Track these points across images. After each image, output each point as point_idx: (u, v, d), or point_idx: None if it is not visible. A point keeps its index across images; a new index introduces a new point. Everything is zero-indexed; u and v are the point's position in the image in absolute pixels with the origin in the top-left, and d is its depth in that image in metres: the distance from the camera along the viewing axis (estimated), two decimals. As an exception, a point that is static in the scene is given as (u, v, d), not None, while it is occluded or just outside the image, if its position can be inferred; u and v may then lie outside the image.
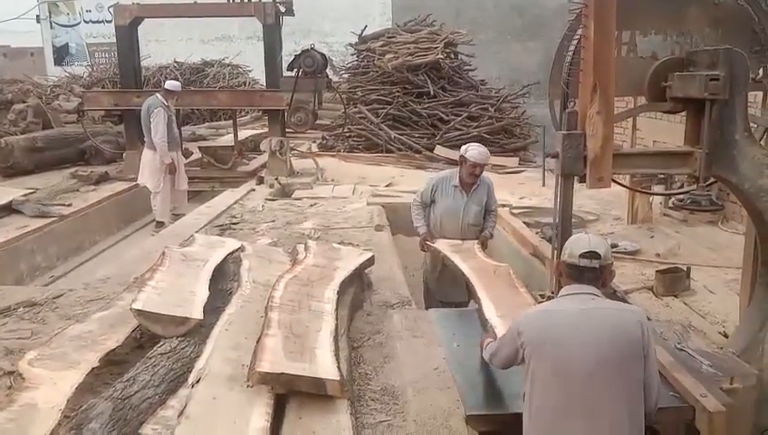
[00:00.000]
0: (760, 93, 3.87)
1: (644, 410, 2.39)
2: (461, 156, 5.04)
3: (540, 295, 3.96)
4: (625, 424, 2.32)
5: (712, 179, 3.59)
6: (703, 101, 3.13)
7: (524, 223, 6.84)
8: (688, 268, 5.04)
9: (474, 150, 4.95)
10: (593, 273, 2.51)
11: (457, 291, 4.94)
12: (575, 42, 3.54)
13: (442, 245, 4.91)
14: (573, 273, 2.53)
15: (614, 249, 5.83)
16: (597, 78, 3.06)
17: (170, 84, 8.53)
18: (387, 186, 9.09)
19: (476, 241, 4.97)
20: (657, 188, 6.71)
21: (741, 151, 3.21)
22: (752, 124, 3.38)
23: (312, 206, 7.60)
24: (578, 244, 2.55)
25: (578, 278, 2.51)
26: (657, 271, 5.03)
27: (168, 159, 8.13)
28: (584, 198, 7.35)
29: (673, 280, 4.87)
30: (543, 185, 9.04)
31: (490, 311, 3.59)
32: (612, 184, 3.36)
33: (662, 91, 3.35)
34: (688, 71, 3.28)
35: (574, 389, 2.34)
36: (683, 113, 3.42)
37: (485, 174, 5.20)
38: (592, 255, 2.50)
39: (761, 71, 3.74)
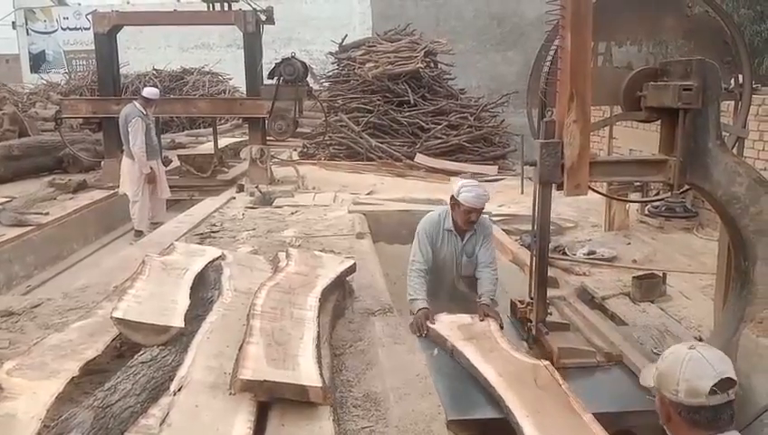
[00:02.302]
0: (732, 103, 3.96)
1: None
2: (452, 197, 4.10)
3: (519, 302, 4.01)
4: None
5: (686, 187, 3.67)
6: (676, 110, 3.20)
7: (504, 230, 6.91)
8: (664, 274, 5.13)
9: (468, 193, 3.97)
10: (731, 409, 1.71)
11: None
12: (552, 52, 3.60)
13: (446, 327, 3.80)
14: (701, 418, 1.69)
15: (591, 256, 5.92)
16: (574, 88, 3.12)
17: (148, 92, 8.47)
18: (368, 194, 9.11)
19: (491, 320, 3.83)
20: (634, 196, 6.82)
21: (714, 159, 3.28)
22: (724, 133, 3.46)
23: (293, 214, 7.59)
24: (697, 372, 1.69)
25: (709, 425, 1.70)
26: (633, 277, 5.11)
27: (147, 169, 8.08)
28: (562, 205, 7.44)
29: (649, 286, 4.95)
30: (522, 193, 9.13)
31: None
32: (589, 192, 3.42)
33: (637, 101, 3.42)
34: (662, 81, 3.36)
35: None
36: (658, 122, 3.50)
37: (485, 219, 4.32)
38: (727, 384, 1.69)
39: (732, 81, 3.84)
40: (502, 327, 3.79)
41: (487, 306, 3.97)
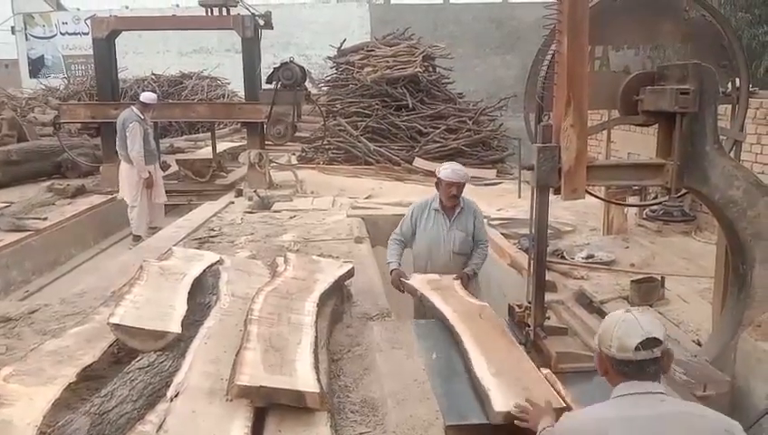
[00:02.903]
0: (729, 106, 3.96)
1: None
2: (437, 177, 4.68)
3: (517, 306, 4.00)
4: None
5: (684, 191, 3.67)
6: (674, 114, 3.20)
7: (502, 234, 6.91)
8: (662, 278, 5.13)
9: (447, 169, 4.58)
10: (656, 364, 1.98)
11: None
12: (549, 56, 3.61)
13: (418, 282, 4.45)
14: (629, 370, 1.98)
15: (590, 259, 5.92)
16: (570, 92, 3.12)
17: (146, 97, 8.47)
18: (366, 198, 9.12)
19: (457, 276, 4.51)
20: (632, 200, 6.82)
21: (711, 163, 3.29)
22: (721, 136, 3.46)
23: (291, 218, 7.59)
24: (627, 331, 1.98)
25: (636, 375, 1.98)
26: (632, 281, 5.11)
27: (146, 174, 8.08)
28: (561, 209, 7.45)
29: (648, 290, 4.95)
30: (520, 196, 9.13)
31: (481, 368, 3.13)
32: (587, 196, 3.42)
33: (634, 105, 3.42)
34: (659, 85, 3.36)
35: None
36: (656, 126, 3.50)
37: (471, 201, 4.84)
38: (652, 343, 1.96)
39: (729, 84, 3.85)
40: (466, 285, 4.47)
41: (468, 276, 4.60)
